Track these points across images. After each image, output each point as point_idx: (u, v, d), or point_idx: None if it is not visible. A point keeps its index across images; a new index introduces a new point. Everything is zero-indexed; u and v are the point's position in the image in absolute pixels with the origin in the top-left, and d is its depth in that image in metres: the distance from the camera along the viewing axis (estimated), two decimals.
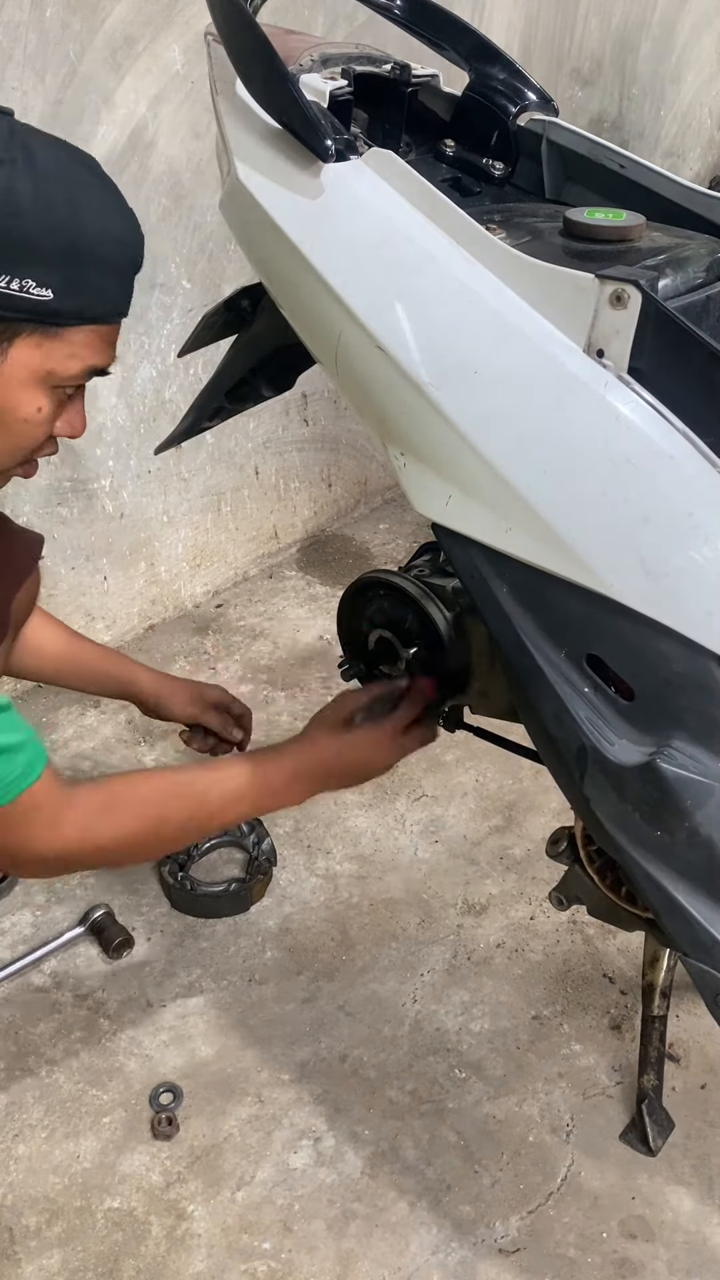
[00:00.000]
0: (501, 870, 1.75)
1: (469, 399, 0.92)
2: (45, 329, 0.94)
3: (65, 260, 0.93)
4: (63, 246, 0.92)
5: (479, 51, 1.17)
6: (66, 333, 0.96)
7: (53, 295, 0.92)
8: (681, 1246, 1.26)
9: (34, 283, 0.91)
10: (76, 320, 0.96)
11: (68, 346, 0.96)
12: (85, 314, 0.96)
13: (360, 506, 2.78)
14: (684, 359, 0.84)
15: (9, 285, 0.90)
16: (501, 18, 2.57)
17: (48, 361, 0.96)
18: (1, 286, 0.90)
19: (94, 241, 0.94)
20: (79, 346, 0.97)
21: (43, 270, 0.91)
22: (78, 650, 1.52)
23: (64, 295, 0.93)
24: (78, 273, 0.94)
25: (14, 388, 0.96)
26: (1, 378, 0.95)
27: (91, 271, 0.95)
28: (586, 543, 0.88)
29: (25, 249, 0.90)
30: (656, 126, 3.41)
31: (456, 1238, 1.27)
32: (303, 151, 1.00)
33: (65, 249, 0.92)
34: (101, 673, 1.53)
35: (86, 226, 0.94)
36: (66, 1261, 1.24)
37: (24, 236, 0.90)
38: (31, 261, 0.91)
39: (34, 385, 0.97)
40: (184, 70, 1.89)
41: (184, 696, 1.54)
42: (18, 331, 0.93)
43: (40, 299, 0.92)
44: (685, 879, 0.94)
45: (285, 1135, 1.37)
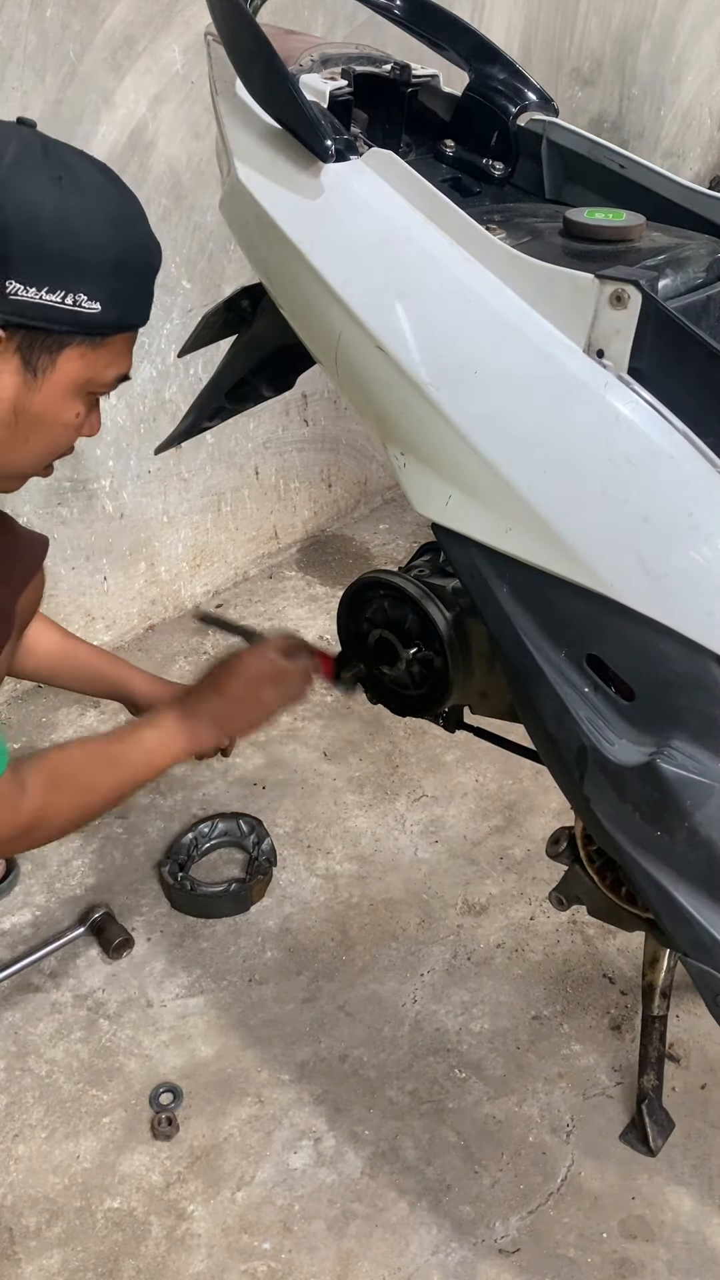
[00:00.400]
0: (501, 870, 1.75)
1: (469, 399, 0.92)
2: (90, 340, 0.99)
3: (111, 274, 0.97)
4: (109, 261, 0.97)
5: (479, 51, 1.17)
6: (107, 342, 1.01)
7: (100, 308, 0.97)
8: (681, 1246, 1.26)
9: (85, 297, 0.96)
10: (116, 329, 1.01)
11: (108, 355, 1.02)
12: (124, 323, 1.01)
13: (360, 506, 2.78)
14: (684, 359, 0.84)
15: (64, 300, 0.95)
16: (501, 18, 2.57)
17: (90, 370, 1.01)
18: (57, 301, 0.95)
19: (132, 253, 1.00)
20: (115, 354, 1.03)
21: (93, 285, 0.96)
22: (72, 650, 1.53)
23: (110, 307, 0.98)
24: (121, 285, 0.99)
25: (59, 396, 1.01)
26: (49, 385, 1.00)
27: (131, 282, 1.00)
28: (586, 543, 0.88)
29: (79, 265, 0.95)
30: (656, 126, 3.41)
31: (456, 1238, 1.27)
32: (303, 151, 1.00)
33: (112, 263, 0.97)
34: (95, 673, 1.55)
35: (126, 239, 0.98)
36: (66, 1261, 1.24)
37: (78, 254, 0.94)
38: (84, 277, 0.95)
39: (76, 393, 1.02)
40: (184, 70, 1.89)
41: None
42: (66, 343, 0.98)
43: (91, 312, 0.96)
44: (685, 879, 0.94)
45: (285, 1135, 1.37)
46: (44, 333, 0.96)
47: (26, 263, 0.93)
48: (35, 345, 0.97)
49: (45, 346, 0.97)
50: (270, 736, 2.02)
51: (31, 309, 0.94)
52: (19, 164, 0.93)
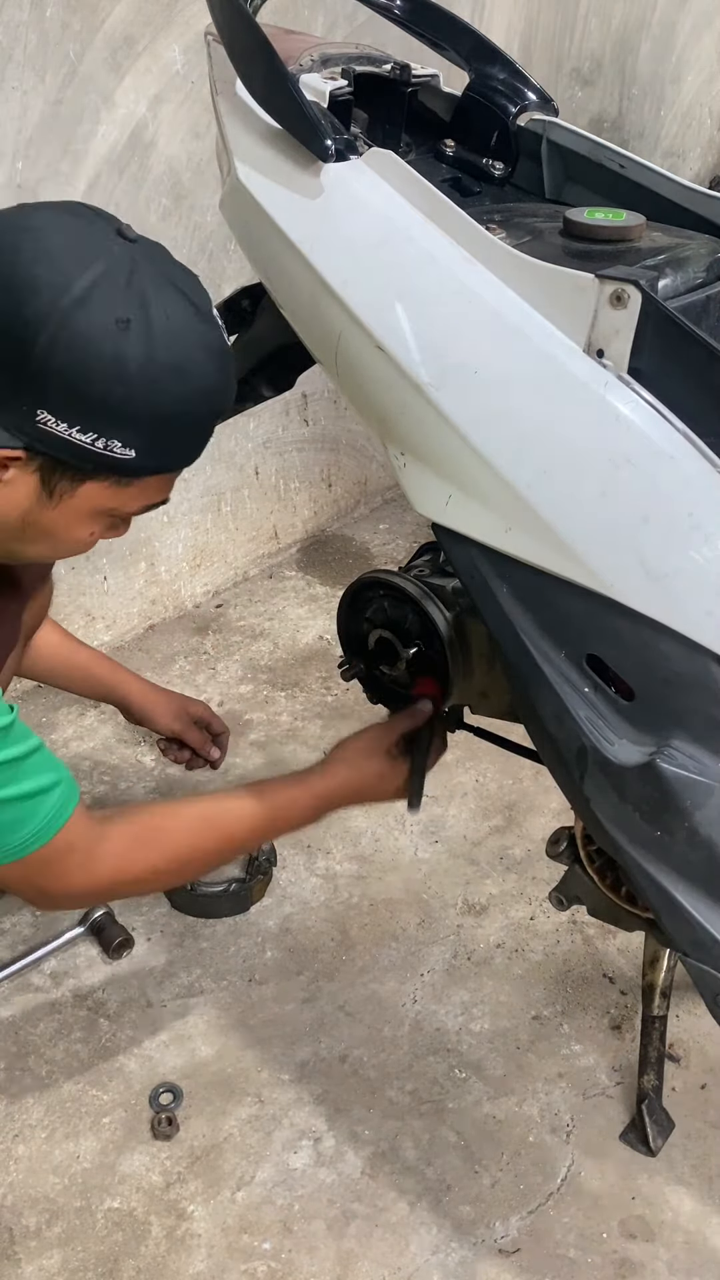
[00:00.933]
0: (501, 870, 1.75)
1: (469, 399, 0.92)
2: (119, 478, 0.95)
3: (156, 427, 0.93)
4: (158, 416, 0.92)
5: (479, 51, 1.17)
6: (138, 482, 0.97)
7: (135, 455, 0.92)
8: (681, 1246, 1.26)
9: (120, 444, 0.91)
10: (152, 473, 0.97)
11: (137, 491, 0.98)
12: (162, 469, 0.98)
13: (360, 506, 2.78)
14: (684, 359, 0.84)
15: (94, 442, 0.90)
16: (501, 18, 2.57)
17: (113, 501, 0.98)
18: (88, 443, 0.90)
19: (188, 405, 0.94)
20: (147, 490, 0.99)
21: (131, 435, 0.91)
22: (70, 652, 1.53)
23: (146, 456, 0.93)
24: (164, 436, 0.94)
25: (75, 518, 0.98)
26: (66, 507, 0.96)
27: (178, 434, 0.96)
28: (586, 543, 0.88)
29: (121, 416, 0.90)
30: (657, 126, 3.41)
31: (456, 1238, 1.27)
32: (303, 151, 1.00)
33: (160, 418, 0.92)
34: (92, 676, 1.55)
35: (185, 392, 0.93)
36: (66, 1261, 1.24)
37: (123, 405, 0.90)
38: (123, 427, 0.91)
39: (92, 518, 0.99)
40: (184, 70, 1.89)
41: (169, 709, 1.56)
42: (92, 476, 0.94)
43: (123, 458, 0.92)
44: (685, 879, 0.94)
45: (285, 1135, 1.37)
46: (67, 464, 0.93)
47: (63, 399, 0.88)
48: (57, 472, 0.94)
49: (67, 475, 0.94)
50: (270, 736, 2.02)
51: (58, 443, 0.91)
52: (90, 297, 0.87)
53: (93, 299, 0.87)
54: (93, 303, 0.87)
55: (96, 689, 1.57)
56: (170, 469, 0.99)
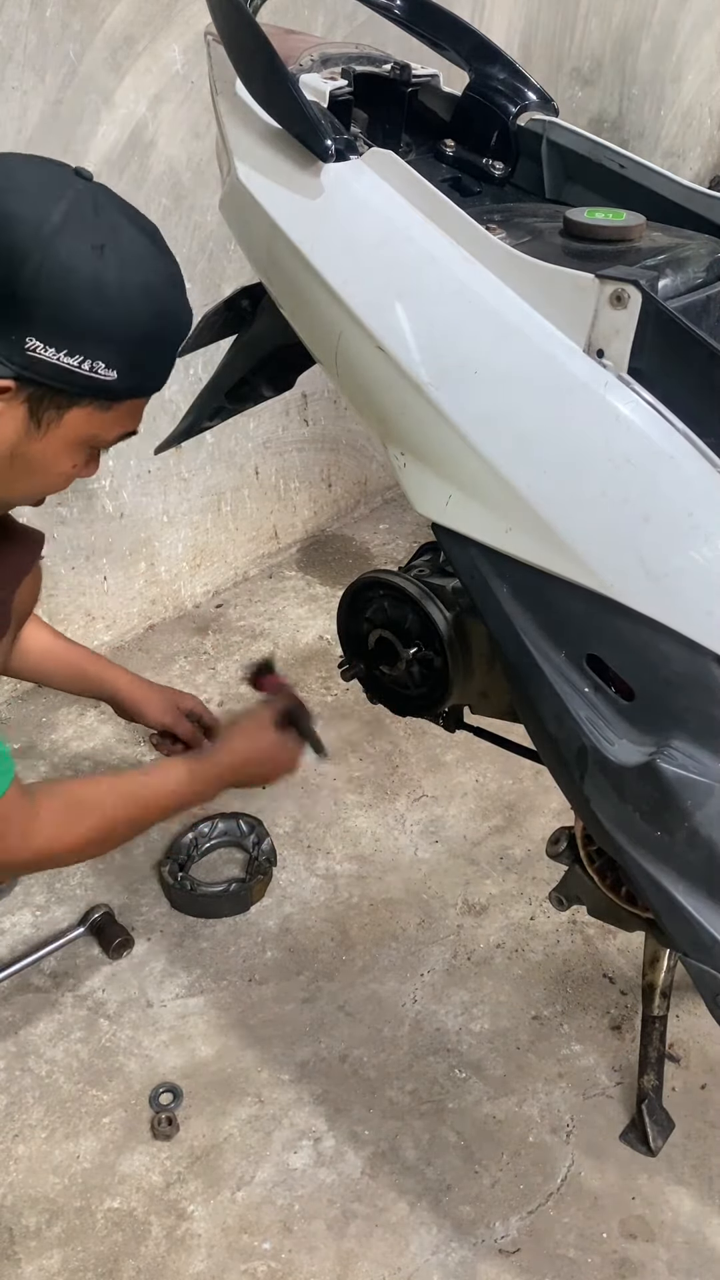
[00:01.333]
0: (501, 870, 1.75)
1: (469, 399, 0.92)
2: (101, 403, 1.00)
3: (135, 346, 0.98)
4: (135, 335, 0.98)
5: (479, 51, 1.17)
6: (118, 405, 1.02)
7: (117, 376, 0.98)
8: (681, 1246, 1.26)
9: (103, 365, 0.96)
10: (130, 395, 1.02)
11: (116, 417, 1.03)
12: (139, 391, 1.03)
13: (360, 506, 2.78)
14: (684, 359, 0.84)
15: (81, 365, 0.95)
16: (501, 18, 2.56)
17: (95, 428, 1.02)
18: (75, 365, 0.95)
19: (160, 325, 1.01)
20: (124, 415, 1.04)
21: (113, 354, 0.96)
22: (60, 651, 1.55)
23: (127, 376, 0.98)
24: (142, 356, 1.00)
25: (60, 448, 1.02)
26: (52, 437, 1.01)
27: (153, 353, 1.02)
28: (586, 543, 0.88)
29: (103, 336, 0.96)
30: (657, 126, 3.41)
31: (456, 1238, 1.27)
32: (303, 151, 1.00)
33: (137, 337, 0.98)
34: (81, 673, 1.56)
35: (157, 313, 0.99)
36: (66, 1261, 1.24)
37: (105, 325, 0.95)
38: (106, 346, 0.96)
39: (77, 447, 1.03)
40: (184, 70, 1.89)
41: (159, 703, 1.58)
42: (76, 402, 0.99)
43: (106, 379, 0.97)
44: (685, 879, 0.94)
45: (285, 1135, 1.37)
46: (55, 391, 0.97)
47: (51, 325, 0.93)
48: (44, 401, 0.98)
49: (54, 403, 0.98)
50: None
51: (47, 368, 0.95)
52: (67, 225, 0.93)
53: (70, 227, 0.93)
54: (70, 231, 0.93)
55: (86, 685, 1.58)
56: (145, 391, 1.04)
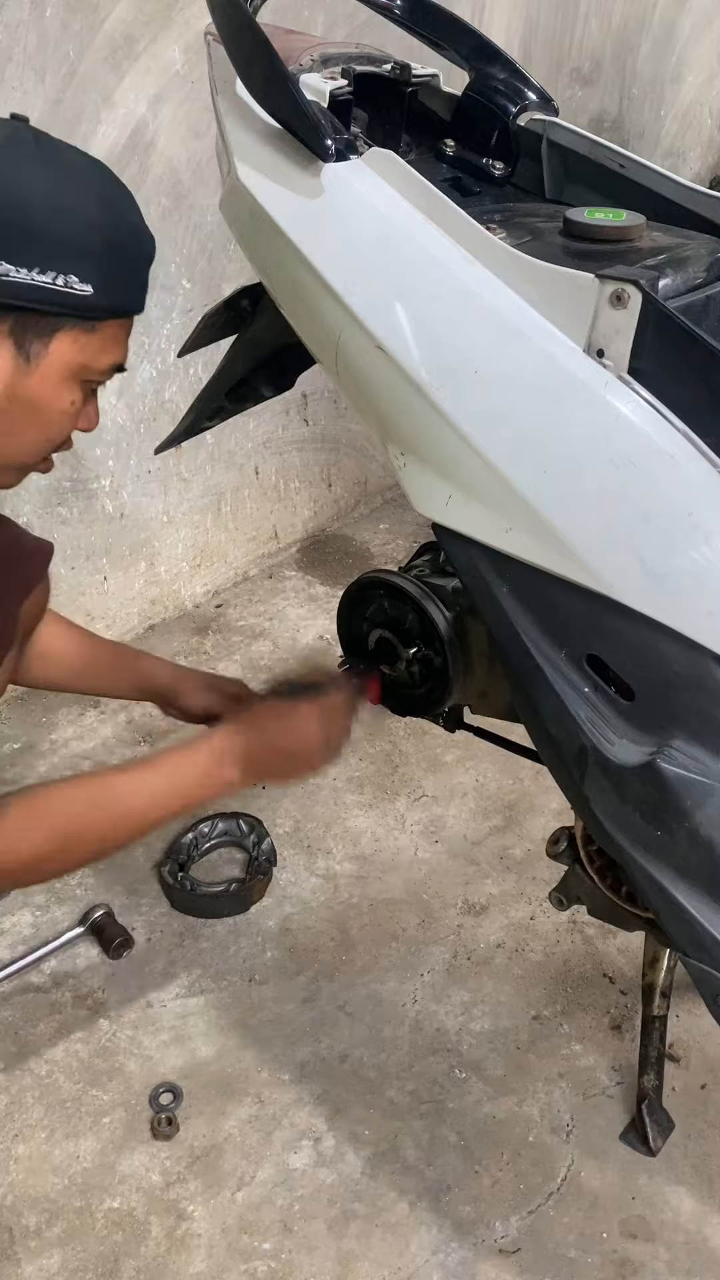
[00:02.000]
0: (501, 870, 1.74)
1: (469, 399, 0.92)
2: (83, 324, 0.98)
3: (104, 256, 0.96)
4: (102, 243, 0.96)
5: (479, 51, 1.17)
6: (100, 327, 1.00)
7: (93, 290, 0.96)
8: (681, 1246, 1.26)
9: (77, 279, 0.95)
10: (110, 314, 1.00)
11: (101, 342, 1.00)
12: (118, 308, 1.00)
13: (360, 506, 2.78)
14: (684, 359, 0.84)
15: (54, 281, 0.94)
16: (501, 17, 2.57)
17: (83, 356, 1.00)
18: (47, 282, 0.94)
19: (125, 237, 1.00)
20: (109, 341, 1.01)
21: (85, 266, 0.95)
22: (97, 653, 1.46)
23: (102, 291, 0.97)
24: (114, 268, 0.98)
25: (53, 381, 1.00)
26: (43, 371, 0.98)
27: (124, 266, 1.00)
28: (586, 542, 0.88)
29: (70, 247, 0.94)
30: (657, 126, 3.41)
31: (456, 1238, 1.27)
32: (303, 151, 1.00)
33: (104, 245, 0.96)
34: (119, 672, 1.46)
35: (117, 223, 0.99)
36: (66, 1261, 1.24)
37: (69, 234, 0.94)
38: (75, 258, 0.94)
39: (70, 379, 1.01)
40: (184, 70, 1.89)
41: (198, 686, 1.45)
42: (59, 326, 0.97)
43: (82, 294, 0.95)
44: (685, 879, 0.94)
45: (285, 1135, 1.37)
46: (36, 315, 0.96)
47: (16, 242, 0.92)
48: (28, 329, 0.96)
49: (37, 330, 0.96)
50: None
51: (23, 289, 0.93)
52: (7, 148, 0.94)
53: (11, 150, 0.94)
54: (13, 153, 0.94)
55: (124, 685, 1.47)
56: (125, 309, 1.02)
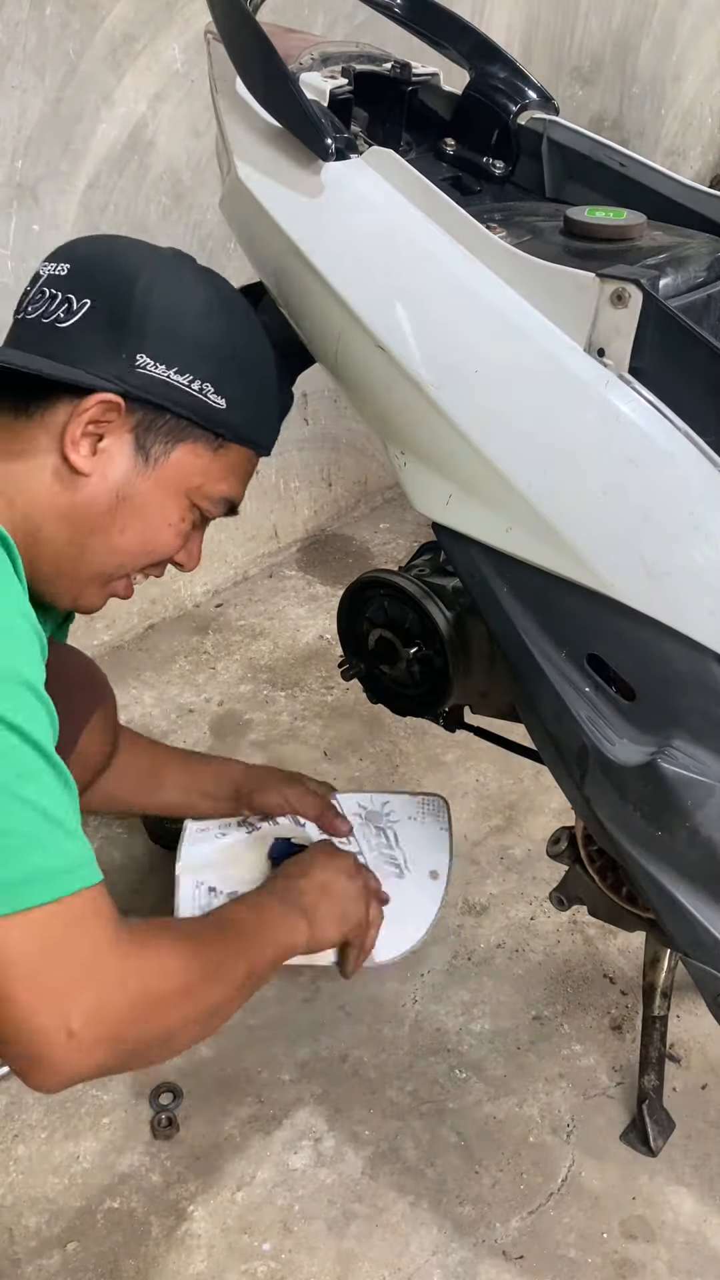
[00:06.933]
0: (502, 870, 1.74)
1: (469, 398, 0.92)
2: (210, 439, 0.98)
3: (243, 377, 0.98)
4: (244, 365, 0.99)
5: (479, 50, 1.17)
6: (225, 450, 1.00)
7: (226, 406, 0.97)
8: (682, 1247, 1.26)
9: (213, 388, 0.95)
10: (237, 438, 1.00)
11: (222, 466, 1.00)
12: (246, 434, 1.01)
13: (360, 506, 2.78)
14: (685, 358, 0.84)
15: (191, 384, 0.95)
16: (502, 16, 2.56)
17: (201, 475, 0.99)
18: (184, 383, 0.94)
19: (268, 373, 1.03)
20: (229, 470, 1.01)
21: (223, 382, 0.96)
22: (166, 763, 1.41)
23: (235, 409, 0.97)
24: (251, 395, 1.00)
25: (166, 489, 0.98)
26: (159, 476, 0.97)
27: (262, 399, 1.02)
28: (587, 542, 0.88)
29: (215, 358, 0.96)
30: (657, 125, 3.41)
31: (457, 1238, 1.26)
32: (303, 150, 1.00)
33: (245, 368, 0.99)
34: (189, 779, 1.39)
35: (266, 360, 1.02)
36: (66, 1262, 1.23)
37: (215, 345, 0.96)
38: (216, 370, 0.96)
39: (182, 494, 0.99)
40: (184, 69, 1.89)
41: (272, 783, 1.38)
42: (185, 435, 0.97)
43: (216, 405, 0.96)
44: (686, 879, 0.94)
45: (285, 1135, 1.37)
46: (164, 415, 0.95)
47: (162, 339, 0.93)
48: (153, 429, 0.95)
49: (162, 433, 0.95)
50: (270, 736, 2.02)
51: (158, 385, 0.93)
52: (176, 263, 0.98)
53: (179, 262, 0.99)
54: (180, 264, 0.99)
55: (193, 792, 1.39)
56: (253, 438, 1.02)
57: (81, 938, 0.78)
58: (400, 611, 1.21)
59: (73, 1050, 0.77)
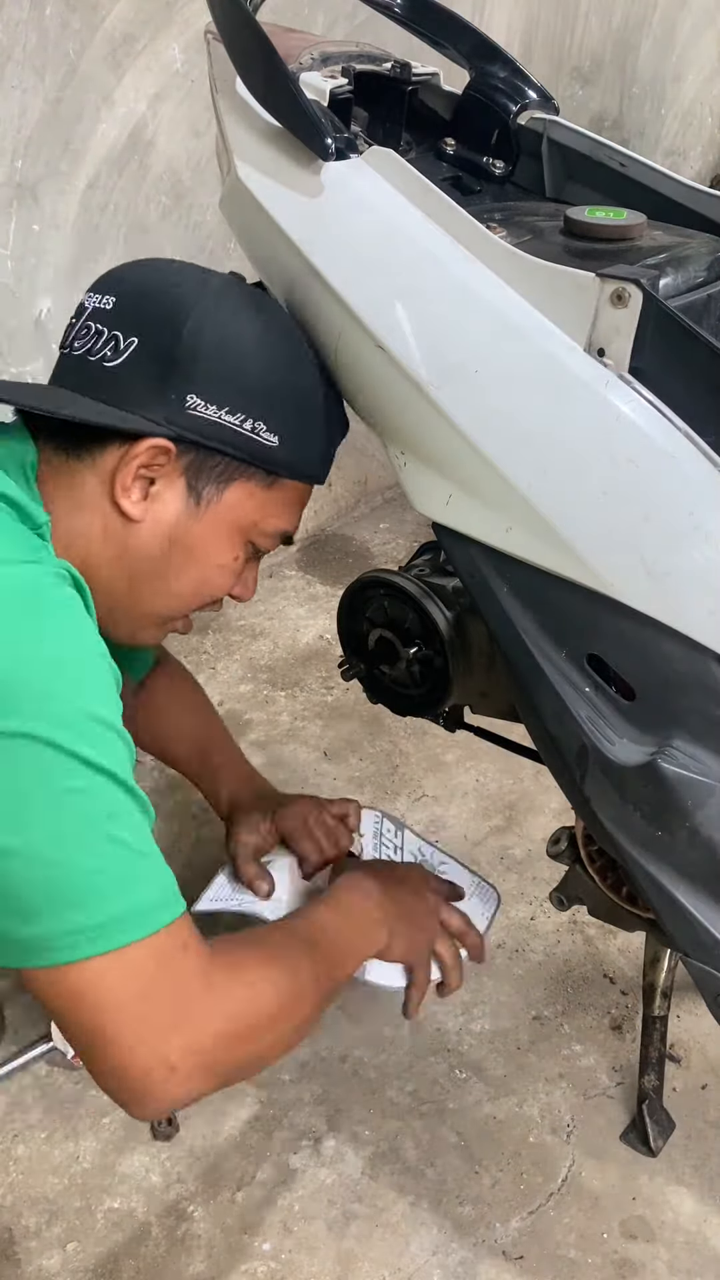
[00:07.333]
0: (502, 870, 1.74)
1: (469, 398, 0.92)
2: (262, 478, 0.96)
3: (296, 413, 0.96)
4: (296, 400, 0.96)
5: (479, 50, 1.17)
6: (278, 486, 0.98)
7: (278, 443, 0.95)
8: (682, 1247, 1.26)
9: (265, 427, 0.94)
10: (290, 474, 0.98)
11: (275, 503, 0.98)
12: (300, 470, 0.99)
13: (360, 506, 2.77)
14: (685, 358, 0.84)
15: (242, 424, 0.93)
16: (502, 16, 2.56)
17: (255, 513, 0.97)
18: (235, 424, 0.92)
19: (321, 405, 0.99)
20: (283, 505, 0.99)
21: (275, 418, 0.94)
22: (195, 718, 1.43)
23: (288, 444, 0.95)
24: (304, 429, 0.97)
25: (219, 530, 0.96)
26: (210, 518, 0.95)
27: (314, 431, 0.99)
28: (587, 542, 0.88)
29: (265, 395, 0.93)
30: (657, 125, 3.41)
31: (457, 1238, 1.26)
32: (303, 150, 1.00)
33: (298, 403, 0.96)
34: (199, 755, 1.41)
35: (318, 391, 0.99)
36: (66, 1262, 1.23)
37: (267, 383, 0.94)
38: (267, 407, 0.93)
39: (236, 534, 0.98)
40: (184, 69, 1.89)
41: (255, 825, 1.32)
42: (236, 475, 0.95)
43: (268, 444, 0.94)
44: (686, 879, 0.94)
45: (285, 1135, 1.37)
46: (215, 457, 0.93)
47: (211, 380, 0.91)
48: (204, 470, 0.93)
49: (214, 474, 0.94)
50: (270, 736, 2.02)
51: (208, 427, 0.92)
52: (225, 292, 0.95)
53: (228, 291, 0.96)
54: (228, 293, 0.95)
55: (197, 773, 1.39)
56: (306, 473, 1.00)
57: (175, 973, 0.80)
58: (400, 611, 1.21)
59: (173, 1083, 0.79)
